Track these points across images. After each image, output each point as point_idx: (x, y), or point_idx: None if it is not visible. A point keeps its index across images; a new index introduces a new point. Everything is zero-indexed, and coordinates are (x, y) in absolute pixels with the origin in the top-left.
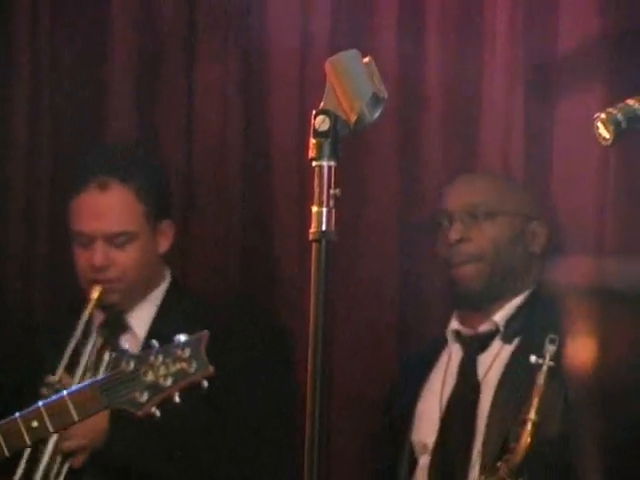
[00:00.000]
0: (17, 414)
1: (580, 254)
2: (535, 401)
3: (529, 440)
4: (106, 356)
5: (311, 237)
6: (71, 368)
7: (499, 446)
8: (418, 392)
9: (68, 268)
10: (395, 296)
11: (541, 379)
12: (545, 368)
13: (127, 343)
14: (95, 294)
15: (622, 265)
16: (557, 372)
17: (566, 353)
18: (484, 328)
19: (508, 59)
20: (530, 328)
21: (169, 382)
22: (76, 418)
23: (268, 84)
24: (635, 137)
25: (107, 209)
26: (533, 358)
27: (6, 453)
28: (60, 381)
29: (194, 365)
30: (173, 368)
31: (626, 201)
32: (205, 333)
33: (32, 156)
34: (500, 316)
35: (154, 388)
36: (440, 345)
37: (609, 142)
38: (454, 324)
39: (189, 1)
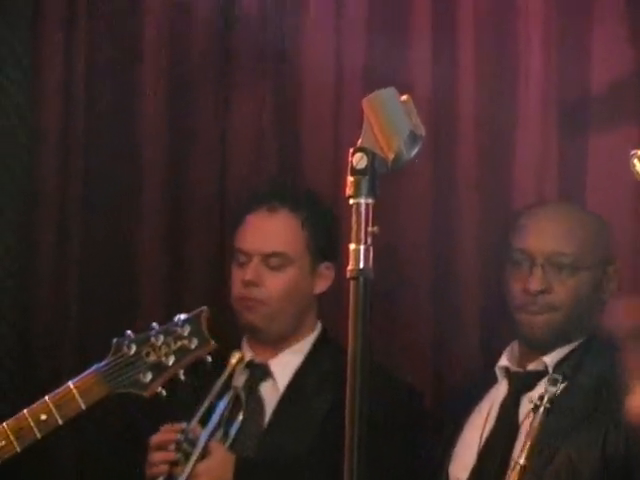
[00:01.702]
0: (25, 410)
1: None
2: (527, 445)
3: None
4: (240, 416)
5: (349, 275)
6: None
7: None
8: (462, 424)
9: None
10: (430, 333)
11: (536, 421)
12: (542, 410)
13: (267, 393)
14: (234, 360)
15: None
16: (593, 419)
17: (623, 400)
18: (532, 367)
19: (542, 95)
20: (580, 374)
21: (172, 360)
22: (83, 406)
23: (302, 120)
24: None
25: (270, 230)
26: (530, 397)
27: (18, 449)
28: (193, 430)
29: (195, 341)
30: (174, 346)
31: None
32: (204, 309)
33: (64, 179)
34: (550, 358)
35: (157, 368)
36: (491, 380)
37: None
38: (504, 361)
39: (223, 36)
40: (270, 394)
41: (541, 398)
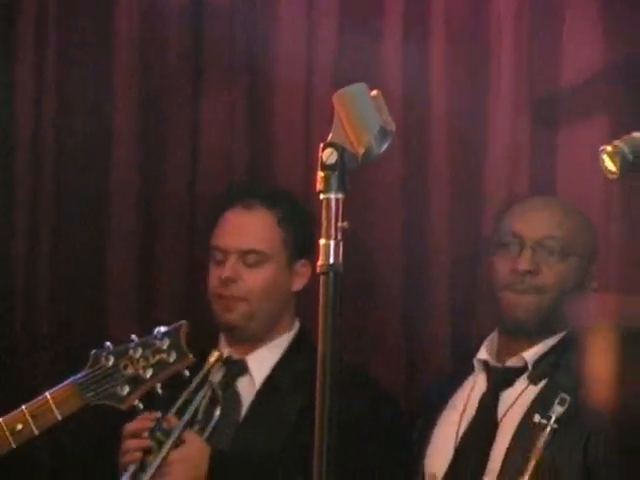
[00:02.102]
0: (0, 419)
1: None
2: (531, 465)
3: None
4: (217, 411)
5: (319, 270)
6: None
7: None
8: (436, 419)
9: None
10: (402, 327)
11: (541, 441)
12: (549, 429)
13: (243, 388)
14: (212, 358)
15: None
16: (574, 421)
17: (589, 395)
18: (512, 363)
19: (513, 91)
20: (560, 371)
21: (149, 374)
22: (59, 417)
23: (273, 116)
24: None
25: (246, 227)
26: (537, 417)
27: None
28: (168, 420)
29: (174, 355)
30: (152, 360)
31: (630, 233)
32: (183, 323)
33: (35, 193)
34: (530, 354)
35: (135, 381)
36: (464, 374)
37: (615, 175)
38: (483, 354)
39: (195, 33)
40: (247, 389)
41: (548, 418)
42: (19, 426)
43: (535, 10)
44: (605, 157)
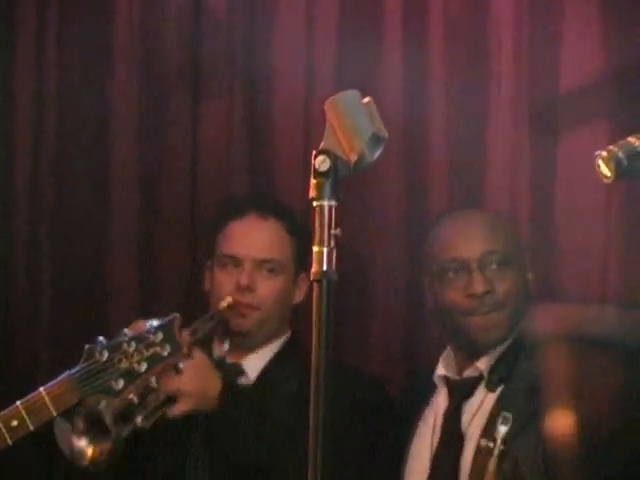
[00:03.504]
0: None
1: (582, 287)
2: None
3: None
4: (226, 345)
5: (312, 277)
6: None
7: None
8: (412, 435)
9: None
10: (401, 328)
11: (492, 465)
12: (497, 452)
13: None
14: (225, 303)
15: (609, 311)
16: (532, 423)
17: (545, 404)
18: (468, 374)
19: (512, 97)
20: (514, 376)
21: (144, 367)
22: (54, 412)
23: (272, 122)
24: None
25: (263, 236)
26: (483, 442)
27: None
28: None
29: (167, 348)
30: (147, 353)
31: (629, 238)
32: (177, 316)
33: (34, 190)
34: (483, 362)
35: (129, 375)
36: (433, 389)
37: (610, 180)
38: (441, 370)
39: (194, 36)
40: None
41: (494, 440)
42: (14, 422)
43: (535, 13)
44: (600, 162)
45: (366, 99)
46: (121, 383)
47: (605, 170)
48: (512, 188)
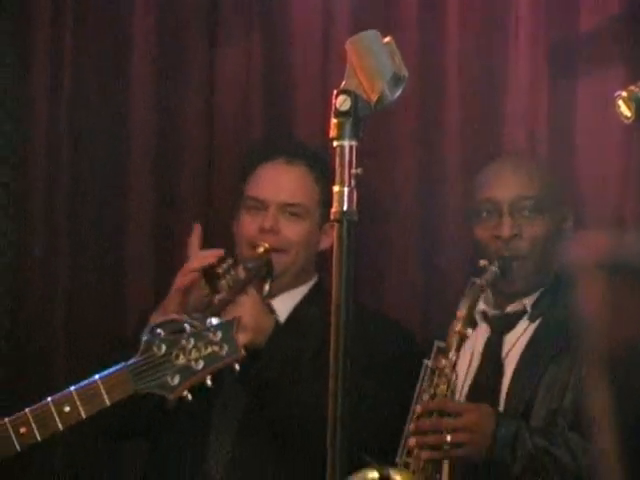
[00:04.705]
0: (49, 398)
1: (601, 228)
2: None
3: None
4: (266, 286)
5: (332, 217)
6: None
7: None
8: None
9: None
10: (420, 292)
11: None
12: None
13: None
14: (261, 249)
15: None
16: (565, 354)
17: (582, 330)
18: (512, 308)
19: (531, 38)
20: (554, 306)
21: (201, 365)
22: (108, 402)
23: (290, 65)
24: None
25: (289, 180)
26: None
27: (38, 438)
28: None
29: (225, 348)
30: (205, 351)
31: None
32: (238, 317)
33: (53, 150)
34: (528, 299)
35: (186, 371)
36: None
37: (630, 120)
38: (481, 305)
39: None
40: None
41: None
42: (67, 408)
43: None
44: (620, 102)
45: (387, 39)
46: (177, 379)
47: (625, 110)
48: (530, 132)
